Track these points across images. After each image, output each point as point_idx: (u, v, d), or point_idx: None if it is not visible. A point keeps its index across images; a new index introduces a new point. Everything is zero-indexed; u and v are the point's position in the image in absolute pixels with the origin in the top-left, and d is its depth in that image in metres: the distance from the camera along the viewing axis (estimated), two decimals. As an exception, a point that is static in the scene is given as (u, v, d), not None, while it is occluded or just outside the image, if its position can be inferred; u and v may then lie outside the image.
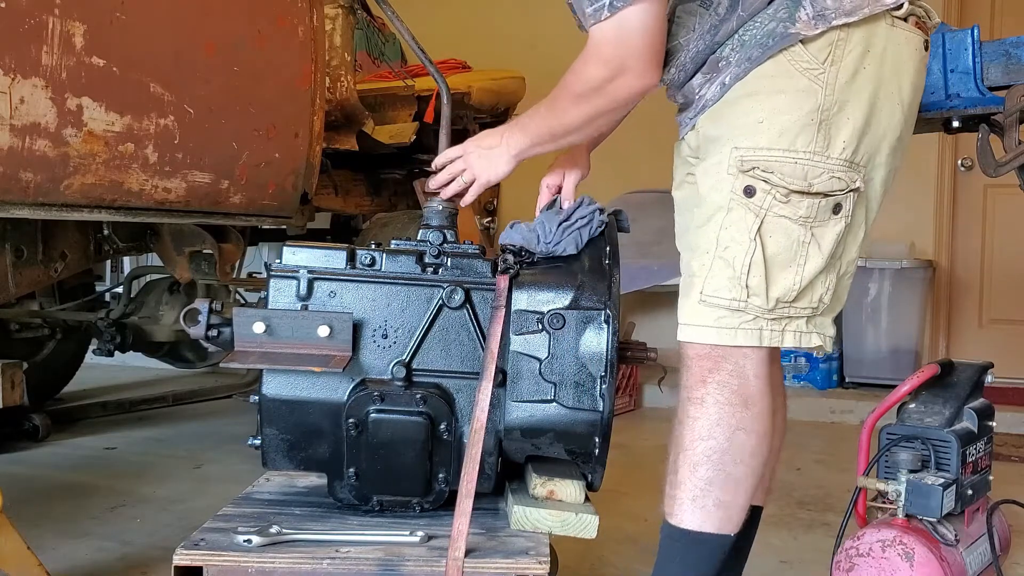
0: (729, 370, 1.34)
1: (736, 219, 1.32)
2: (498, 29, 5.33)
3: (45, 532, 2.14)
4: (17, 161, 1.65)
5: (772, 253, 1.31)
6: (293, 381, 1.43)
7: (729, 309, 1.32)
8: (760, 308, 1.32)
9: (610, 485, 1.63)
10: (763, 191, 1.30)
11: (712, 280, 1.33)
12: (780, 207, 1.30)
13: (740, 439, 1.35)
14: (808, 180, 1.30)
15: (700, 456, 1.36)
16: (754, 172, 1.30)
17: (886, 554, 1.64)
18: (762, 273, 1.31)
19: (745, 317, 1.32)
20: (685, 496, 1.39)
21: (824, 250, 1.32)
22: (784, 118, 1.30)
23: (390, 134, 2.97)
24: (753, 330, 1.33)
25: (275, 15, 2.19)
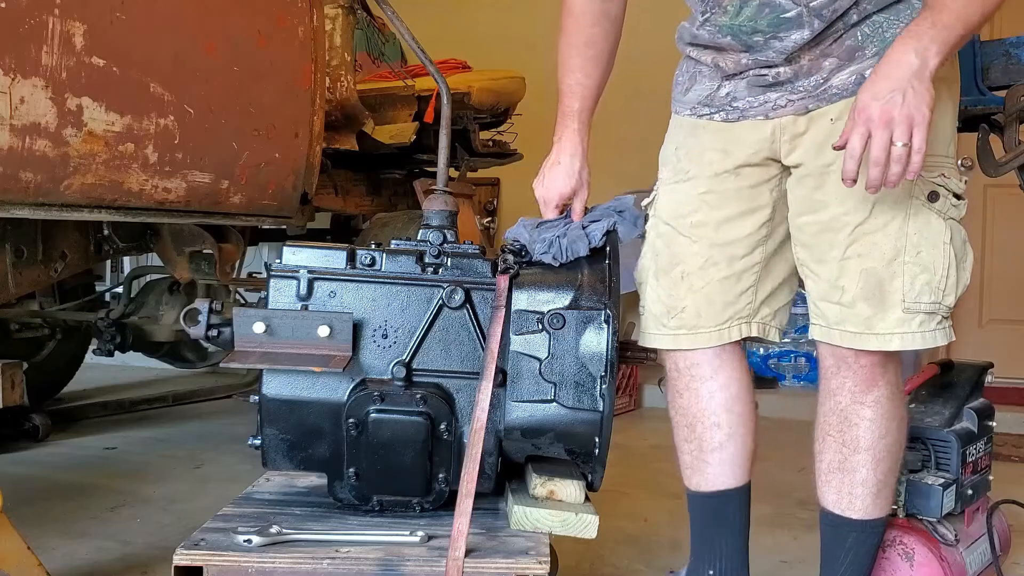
0: (893, 369, 1.45)
1: (923, 223, 1.36)
2: (498, 29, 5.33)
3: (45, 532, 2.14)
4: (17, 161, 1.65)
5: (956, 255, 1.39)
6: (293, 381, 1.43)
7: (927, 313, 1.38)
8: (948, 308, 1.40)
9: (610, 485, 1.63)
10: (944, 196, 1.37)
11: (913, 287, 1.37)
12: (953, 210, 1.38)
13: (903, 428, 1.49)
14: (959, 185, 1.39)
15: (882, 452, 1.46)
16: (939, 178, 1.36)
17: (886, 554, 1.64)
18: (954, 275, 1.38)
19: (937, 319, 1.39)
20: (868, 492, 1.48)
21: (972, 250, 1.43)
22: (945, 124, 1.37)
23: (390, 134, 2.97)
24: (943, 329, 1.40)
25: (275, 15, 2.20)
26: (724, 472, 1.60)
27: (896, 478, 1.53)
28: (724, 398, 1.58)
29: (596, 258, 1.51)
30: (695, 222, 1.54)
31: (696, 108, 1.55)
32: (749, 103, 1.47)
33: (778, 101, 1.43)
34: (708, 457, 1.59)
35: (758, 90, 1.45)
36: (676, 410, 1.62)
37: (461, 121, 3.19)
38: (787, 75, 1.41)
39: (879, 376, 1.43)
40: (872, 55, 1.35)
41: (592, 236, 1.50)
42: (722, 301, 1.53)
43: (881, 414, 1.44)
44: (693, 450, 1.60)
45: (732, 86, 1.48)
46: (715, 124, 1.52)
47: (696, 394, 1.58)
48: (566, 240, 1.50)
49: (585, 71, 1.64)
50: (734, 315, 1.54)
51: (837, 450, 1.49)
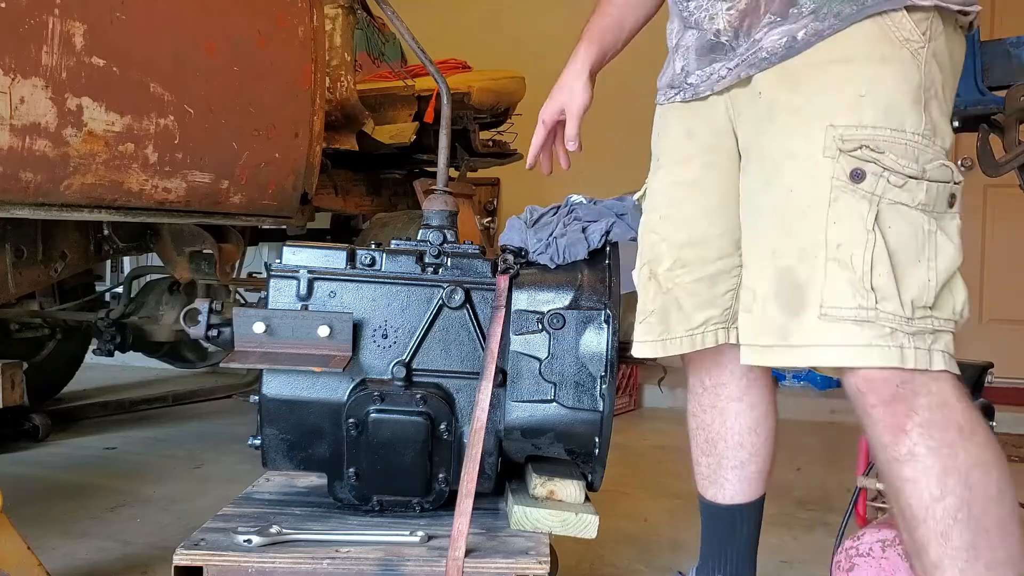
0: (926, 405, 1.08)
1: (845, 210, 1.09)
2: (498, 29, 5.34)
3: (45, 532, 2.14)
4: (17, 161, 1.65)
5: (895, 245, 1.08)
6: (293, 381, 1.43)
7: (856, 321, 1.07)
8: (894, 316, 1.06)
9: (610, 485, 1.63)
10: (874, 174, 1.09)
11: (830, 288, 1.09)
12: (896, 192, 1.09)
13: (977, 478, 1.07)
14: (921, 164, 1.10)
15: (944, 521, 1.07)
16: (862, 152, 1.09)
17: (886, 554, 1.64)
18: (888, 270, 1.07)
19: (878, 330, 1.06)
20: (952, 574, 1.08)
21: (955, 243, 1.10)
22: (889, 92, 1.10)
23: (390, 134, 2.97)
24: (891, 347, 1.06)
25: (275, 15, 2.20)
26: (743, 489, 1.52)
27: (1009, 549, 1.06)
28: (750, 419, 1.49)
29: (596, 258, 1.51)
30: (662, 216, 1.40)
31: (665, 92, 1.45)
32: (699, 77, 1.31)
33: (720, 71, 1.26)
34: (728, 474, 1.51)
35: (705, 59, 1.29)
36: (698, 424, 1.53)
37: (461, 121, 3.19)
38: (727, 36, 1.24)
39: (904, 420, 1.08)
40: (809, 13, 1.15)
41: (591, 238, 1.50)
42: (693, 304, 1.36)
43: (925, 470, 1.07)
44: (712, 464, 1.52)
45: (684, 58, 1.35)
46: (677, 106, 1.40)
47: (722, 414, 1.50)
48: (564, 241, 1.50)
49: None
50: (708, 320, 1.37)
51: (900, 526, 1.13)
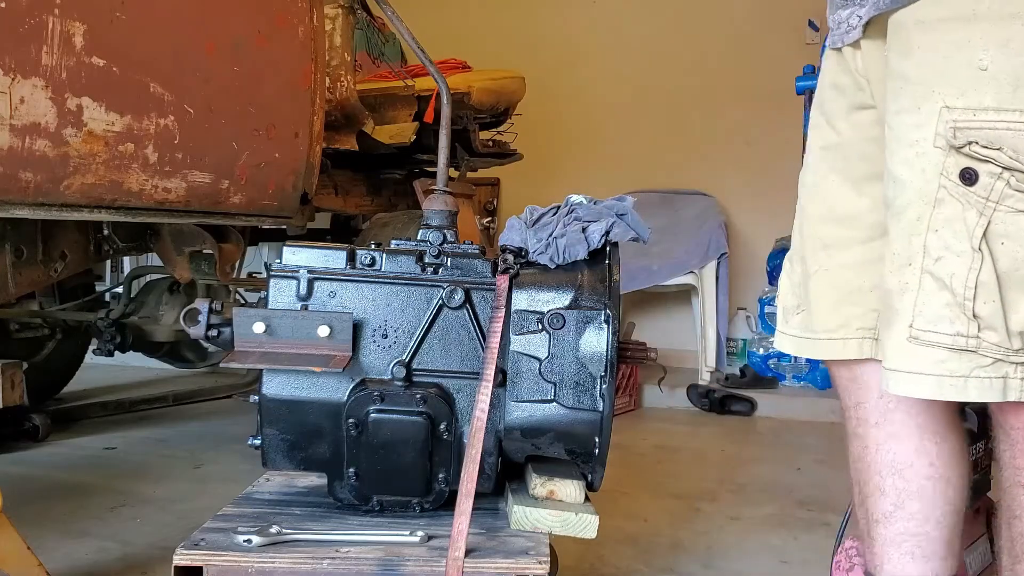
0: None
1: (950, 216, 0.93)
2: (498, 29, 5.34)
3: (45, 532, 2.14)
4: (17, 161, 1.65)
5: (1007, 266, 0.92)
6: (293, 381, 1.43)
7: (951, 349, 0.94)
8: (1000, 347, 0.92)
9: (610, 485, 1.63)
10: (989, 175, 0.91)
11: (925, 307, 0.95)
12: (1018, 198, 0.91)
13: None
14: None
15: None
16: (972, 148, 0.91)
17: (886, 554, 1.64)
18: (996, 296, 0.92)
19: (979, 360, 0.93)
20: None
21: None
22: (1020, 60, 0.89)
23: (390, 134, 2.97)
24: (995, 378, 0.93)
25: (275, 15, 2.19)
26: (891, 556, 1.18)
27: None
28: (896, 453, 1.18)
29: (596, 258, 1.51)
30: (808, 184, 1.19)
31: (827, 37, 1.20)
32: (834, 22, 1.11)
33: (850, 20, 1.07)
34: (873, 531, 1.22)
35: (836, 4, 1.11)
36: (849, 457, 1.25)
37: (461, 121, 3.20)
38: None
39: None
40: None
41: (591, 238, 1.50)
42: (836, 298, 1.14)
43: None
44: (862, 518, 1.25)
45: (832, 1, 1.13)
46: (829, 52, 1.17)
47: (863, 443, 1.22)
48: (564, 241, 1.50)
49: None
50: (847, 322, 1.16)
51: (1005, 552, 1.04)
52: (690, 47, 5.02)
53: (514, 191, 5.28)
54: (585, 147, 5.26)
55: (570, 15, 5.33)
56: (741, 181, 4.93)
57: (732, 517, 2.43)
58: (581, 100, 5.28)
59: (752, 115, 4.84)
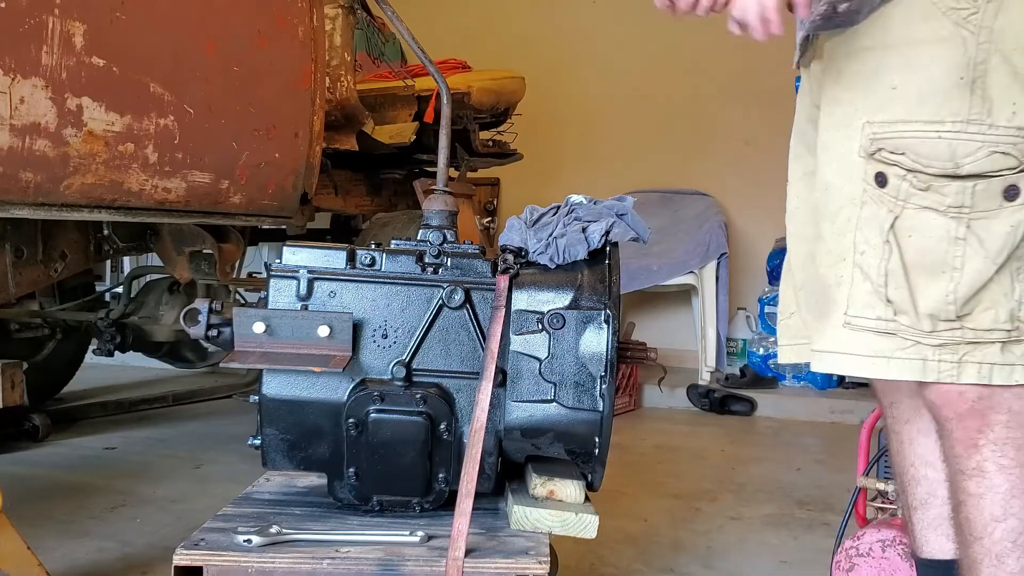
0: (1004, 422, 1.04)
1: (870, 216, 1.05)
2: (498, 29, 5.34)
3: (45, 532, 2.14)
4: (17, 161, 1.65)
5: (914, 255, 1.03)
6: (293, 381, 1.43)
7: (877, 332, 1.04)
8: (914, 330, 1.03)
9: (610, 485, 1.63)
10: (896, 177, 1.03)
11: (855, 296, 1.06)
12: (921, 196, 1.01)
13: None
14: (955, 160, 1.00)
15: (1002, 543, 1.04)
16: (881, 154, 1.04)
17: (886, 554, 1.64)
18: (905, 283, 1.03)
19: (901, 342, 1.04)
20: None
21: (990, 248, 1.00)
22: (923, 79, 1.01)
23: (390, 134, 2.97)
24: (913, 360, 1.03)
25: (275, 15, 2.20)
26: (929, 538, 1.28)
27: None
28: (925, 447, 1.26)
29: (596, 258, 1.51)
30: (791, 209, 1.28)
31: None
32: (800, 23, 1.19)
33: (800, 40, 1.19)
34: (913, 517, 1.31)
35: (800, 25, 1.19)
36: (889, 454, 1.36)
37: (461, 121, 3.20)
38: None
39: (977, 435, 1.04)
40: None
41: (591, 238, 1.50)
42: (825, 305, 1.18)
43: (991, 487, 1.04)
44: (903, 506, 1.35)
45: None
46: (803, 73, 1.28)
47: (898, 438, 1.31)
48: (564, 241, 1.50)
49: None
50: None
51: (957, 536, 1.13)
52: (690, 47, 5.02)
53: (514, 191, 5.28)
54: (585, 147, 5.26)
55: (570, 15, 5.33)
56: (741, 181, 4.93)
57: (732, 517, 2.43)
58: (581, 100, 5.28)
59: (752, 115, 4.84)
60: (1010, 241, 1.00)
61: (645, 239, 1.55)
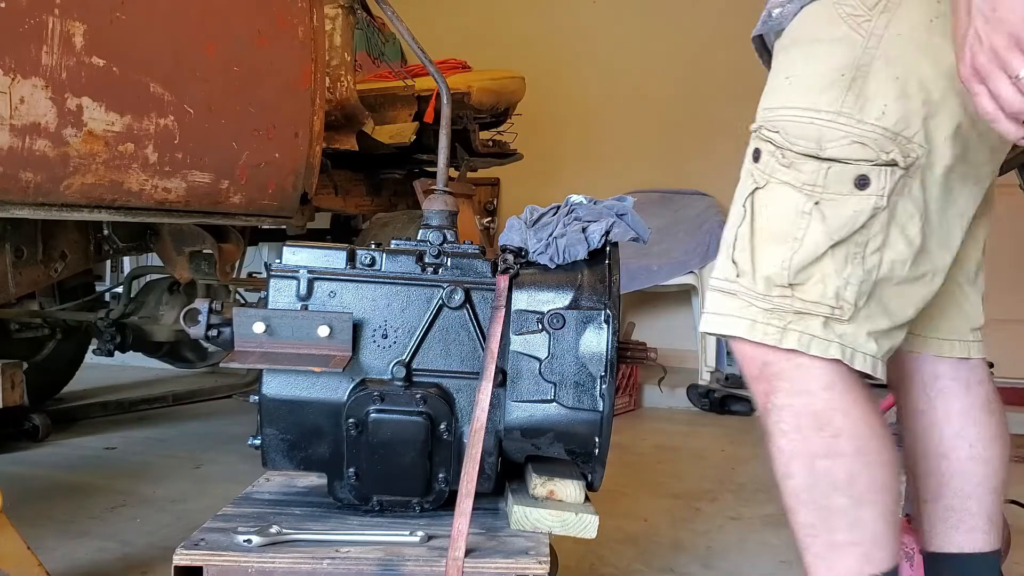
0: (786, 389, 1.10)
1: (742, 186, 1.14)
2: (498, 29, 5.34)
3: (45, 532, 2.14)
4: (17, 161, 1.65)
5: (763, 222, 1.10)
6: (293, 381, 1.43)
7: (723, 292, 1.12)
8: (750, 291, 1.10)
9: (610, 485, 1.63)
10: (768, 153, 1.11)
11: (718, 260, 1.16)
12: (783, 172, 1.09)
13: (823, 468, 1.09)
14: (821, 143, 1.07)
15: (790, 498, 1.13)
16: (760, 132, 1.13)
17: (886, 554, 1.64)
18: (749, 246, 1.10)
19: (737, 302, 1.11)
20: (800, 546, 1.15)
21: (831, 226, 1.06)
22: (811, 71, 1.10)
23: (390, 134, 2.97)
24: (743, 319, 1.10)
25: (275, 15, 2.20)
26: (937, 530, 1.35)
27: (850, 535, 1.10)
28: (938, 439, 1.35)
29: (596, 258, 1.51)
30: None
31: None
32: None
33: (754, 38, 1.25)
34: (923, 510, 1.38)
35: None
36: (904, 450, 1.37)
37: (461, 121, 3.20)
38: None
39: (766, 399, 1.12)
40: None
41: (591, 238, 1.50)
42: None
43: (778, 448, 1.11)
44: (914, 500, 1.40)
45: None
46: None
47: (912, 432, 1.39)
48: (564, 241, 1.50)
49: None
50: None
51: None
52: (690, 46, 5.02)
53: (514, 191, 5.28)
54: (585, 147, 5.26)
55: (570, 15, 5.33)
56: (741, 181, 4.92)
57: (732, 517, 2.43)
58: (581, 100, 5.28)
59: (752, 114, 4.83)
60: (850, 224, 1.06)
61: (645, 239, 1.55)
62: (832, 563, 1.11)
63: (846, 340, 1.08)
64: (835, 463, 1.08)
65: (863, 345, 1.09)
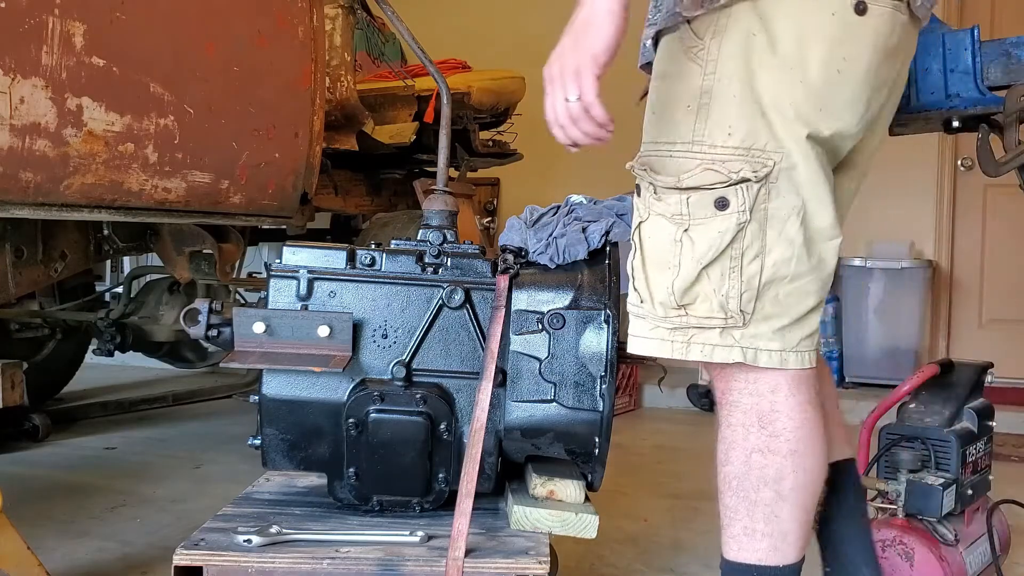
0: (740, 389, 1.21)
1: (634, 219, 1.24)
2: (498, 29, 5.33)
3: (45, 532, 2.14)
4: (17, 161, 1.65)
5: (649, 254, 1.20)
6: (293, 381, 1.43)
7: (636, 316, 1.23)
8: (653, 315, 1.20)
9: (610, 485, 1.63)
10: (646, 190, 1.20)
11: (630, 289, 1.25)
12: (658, 205, 1.19)
13: (757, 462, 1.21)
14: (678, 175, 1.16)
15: (723, 482, 1.26)
16: (643, 172, 1.21)
17: (886, 554, 1.64)
18: (643, 275, 1.21)
19: (647, 324, 1.22)
20: (722, 523, 1.26)
21: (698, 251, 1.16)
22: (666, 107, 1.20)
23: (390, 134, 2.97)
24: (657, 340, 1.21)
25: (275, 15, 2.19)
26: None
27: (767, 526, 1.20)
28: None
29: (596, 258, 1.51)
30: None
31: None
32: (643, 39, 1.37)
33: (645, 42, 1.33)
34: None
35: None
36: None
37: (461, 121, 3.19)
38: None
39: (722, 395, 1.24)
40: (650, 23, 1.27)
41: (591, 238, 1.50)
42: None
43: (722, 437, 1.25)
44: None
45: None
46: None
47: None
48: (564, 241, 1.50)
49: None
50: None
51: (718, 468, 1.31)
52: (690, 47, 5.01)
53: (514, 191, 5.27)
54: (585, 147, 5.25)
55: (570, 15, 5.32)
56: (741, 181, 4.92)
57: (732, 517, 2.42)
58: (581, 100, 5.27)
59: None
60: (717, 244, 1.15)
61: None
62: (744, 546, 1.22)
63: (746, 342, 1.17)
64: (768, 460, 1.20)
65: (767, 344, 1.17)
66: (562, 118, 1.15)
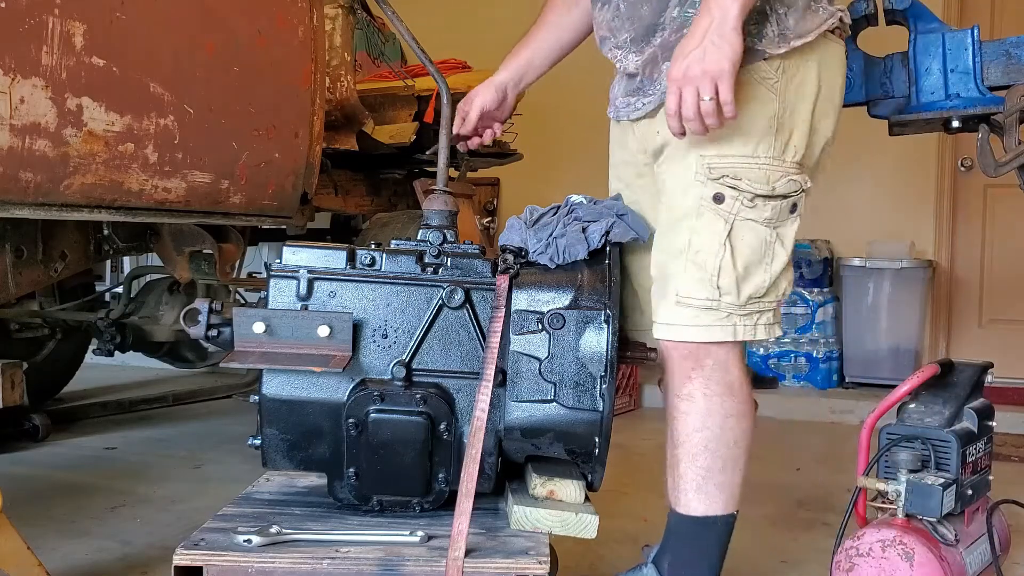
0: (711, 364, 1.45)
1: (706, 224, 1.42)
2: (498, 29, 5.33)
3: (45, 532, 2.14)
4: (17, 161, 1.65)
5: (742, 255, 1.42)
6: (293, 381, 1.43)
7: (703, 308, 1.42)
8: (732, 305, 1.42)
9: (610, 485, 1.63)
10: (731, 197, 1.40)
11: (685, 282, 1.42)
12: (747, 211, 1.41)
13: (731, 424, 1.48)
14: (771, 184, 1.41)
15: (698, 447, 1.48)
16: (723, 180, 1.40)
17: (886, 554, 1.64)
18: (732, 274, 1.41)
19: (719, 315, 1.42)
20: (689, 486, 1.50)
21: (787, 247, 1.45)
22: (746, 124, 1.39)
23: (390, 134, 2.97)
24: (727, 326, 1.43)
25: (275, 15, 2.19)
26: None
27: (732, 478, 1.50)
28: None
29: (596, 258, 1.51)
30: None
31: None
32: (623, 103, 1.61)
33: (636, 104, 1.54)
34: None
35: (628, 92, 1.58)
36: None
37: (461, 121, 3.18)
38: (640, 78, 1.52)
39: (691, 371, 1.45)
40: None
41: (591, 238, 1.50)
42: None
43: (695, 409, 1.46)
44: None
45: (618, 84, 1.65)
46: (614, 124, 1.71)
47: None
48: (564, 241, 1.50)
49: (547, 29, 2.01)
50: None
51: (668, 445, 1.54)
52: (690, 47, 5.01)
53: (514, 191, 5.27)
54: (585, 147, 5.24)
55: (570, 15, 5.32)
56: (741, 181, 4.92)
57: (732, 517, 2.42)
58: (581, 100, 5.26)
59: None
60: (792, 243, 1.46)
61: (645, 239, 1.55)
62: (713, 499, 1.49)
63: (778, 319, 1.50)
64: (737, 423, 1.48)
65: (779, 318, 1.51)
66: (691, 112, 1.31)
